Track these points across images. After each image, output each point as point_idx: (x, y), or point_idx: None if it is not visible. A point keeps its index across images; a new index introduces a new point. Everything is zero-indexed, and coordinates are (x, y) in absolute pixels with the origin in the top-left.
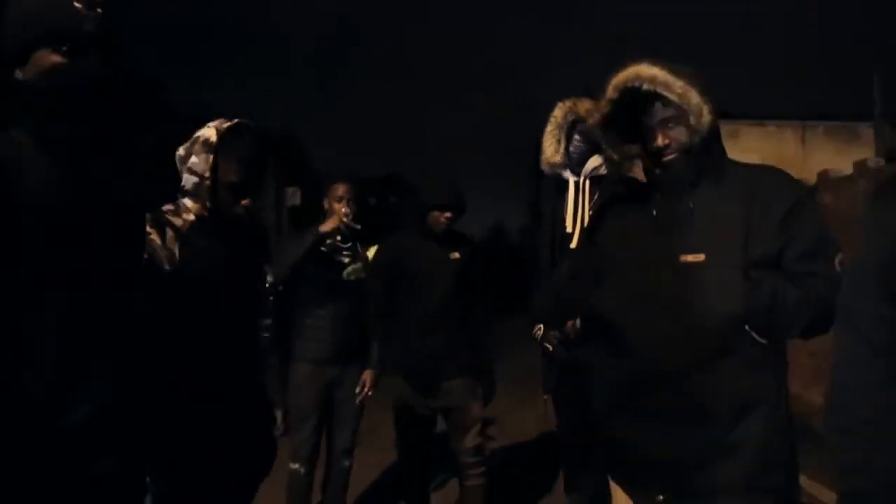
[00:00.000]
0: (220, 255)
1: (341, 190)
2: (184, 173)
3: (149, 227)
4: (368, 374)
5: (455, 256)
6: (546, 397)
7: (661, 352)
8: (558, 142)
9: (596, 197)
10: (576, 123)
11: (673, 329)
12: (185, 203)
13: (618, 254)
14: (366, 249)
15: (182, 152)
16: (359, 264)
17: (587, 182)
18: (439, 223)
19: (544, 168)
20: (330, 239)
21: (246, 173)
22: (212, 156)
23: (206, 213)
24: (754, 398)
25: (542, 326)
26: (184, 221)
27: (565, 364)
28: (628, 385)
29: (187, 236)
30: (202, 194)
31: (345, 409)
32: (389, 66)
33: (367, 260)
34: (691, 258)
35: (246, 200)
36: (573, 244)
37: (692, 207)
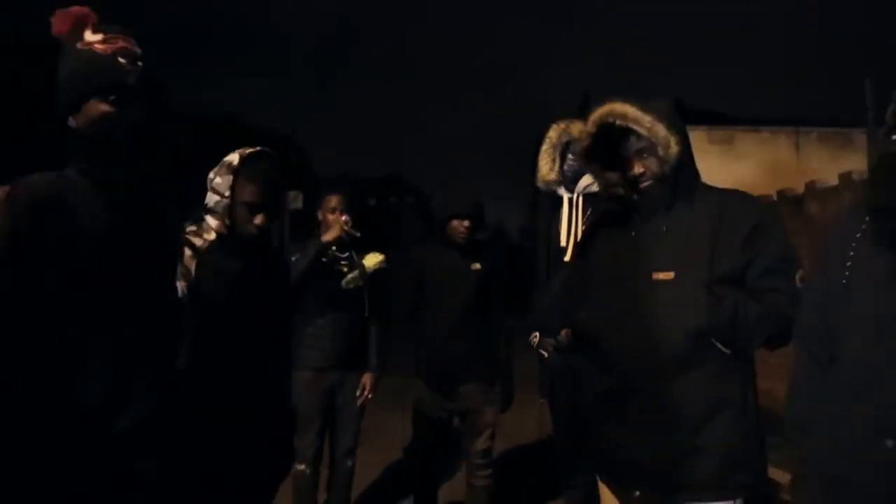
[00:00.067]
0: (236, 269)
1: (334, 201)
2: (209, 192)
3: None
4: (368, 378)
5: (476, 267)
6: (542, 401)
7: (635, 362)
8: (553, 161)
9: (589, 213)
10: (570, 144)
11: (646, 342)
12: (209, 221)
13: (602, 271)
14: (361, 257)
15: (211, 175)
16: (356, 272)
17: (580, 199)
18: (458, 232)
19: (540, 185)
20: (331, 248)
21: (262, 195)
22: (232, 177)
23: (225, 231)
24: (720, 405)
25: (538, 334)
26: (204, 241)
27: (559, 370)
28: (610, 393)
29: (206, 255)
30: (222, 212)
31: (346, 412)
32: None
33: (364, 268)
34: (662, 276)
35: (259, 219)
36: (567, 257)
37: (665, 229)
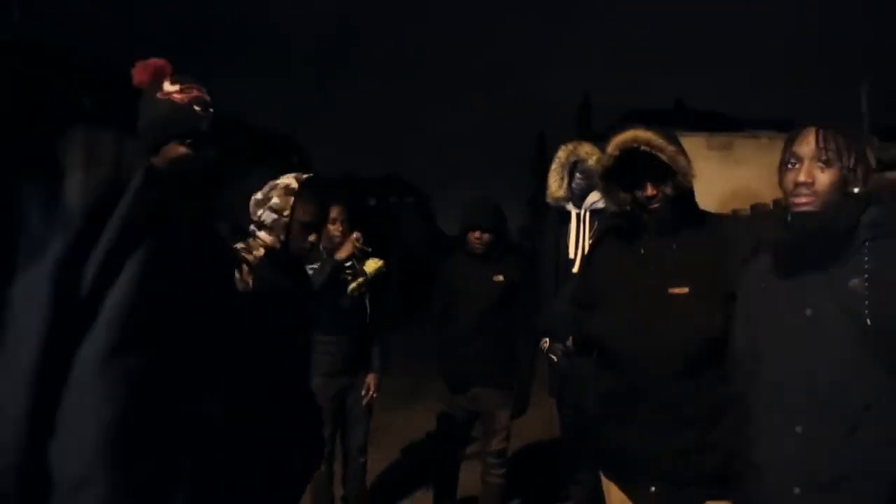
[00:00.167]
0: (288, 283)
1: (334, 212)
2: (263, 211)
3: None
4: (372, 378)
5: (499, 279)
6: (551, 401)
7: (648, 367)
8: (562, 179)
9: (595, 227)
10: (577, 164)
11: (659, 348)
12: (262, 237)
13: (610, 283)
14: (362, 264)
15: (260, 196)
16: (360, 279)
17: (588, 214)
18: (475, 244)
19: (549, 201)
20: (346, 265)
21: (317, 215)
22: (291, 198)
23: (277, 246)
24: (728, 403)
25: (548, 339)
26: (254, 257)
27: (567, 373)
28: (619, 395)
29: (260, 269)
30: (278, 229)
31: (356, 412)
32: (389, 66)
33: (366, 275)
34: (677, 290)
35: (313, 236)
36: (575, 269)
37: (675, 247)
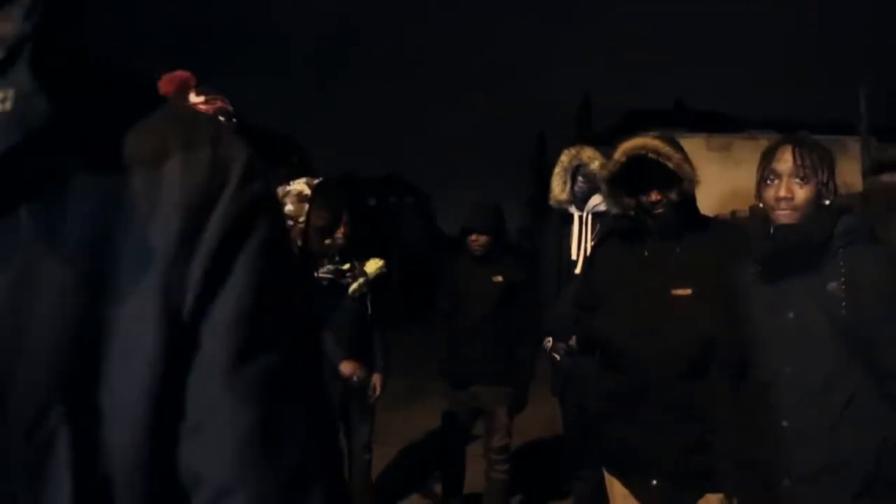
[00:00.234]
0: (310, 286)
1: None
2: None
3: None
4: (377, 378)
5: (498, 280)
6: (554, 399)
7: (651, 366)
8: (564, 182)
9: (597, 230)
10: (579, 167)
11: (662, 348)
12: None
13: (612, 284)
14: (362, 264)
15: None
16: (361, 280)
17: (590, 217)
18: (473, 246)
19: (552, 204)
20: (332, 265)
21: (332, 219)
22: (306, 205)
23: (296, 252)
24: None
25: (551, 339)
26: None
27: (570, 372)
28: (622, 394)
29: None
30: (294, 236)
31: (360, 411)
32: (389, 66)
33: (367, 275)
34: (680, 292)
35: (330, 240)
36: (577, 270)
37: (678, 251)
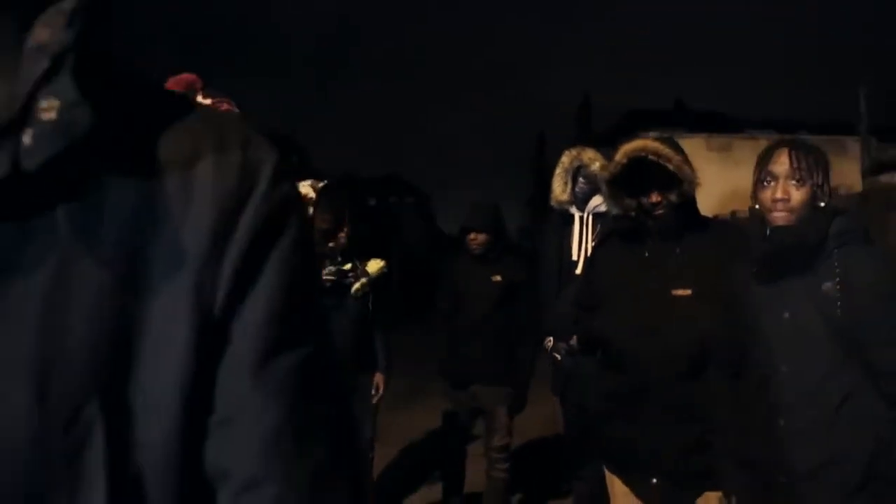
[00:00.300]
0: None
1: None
2: None
3: None
4: (380, 378)
5: (497, 280)
6: (555, 399)
7: (652, 366)
8: (565, 183)
9: (598, 230)
10: (580, 168)
11: (663, 348)
12: None
13: (612, 285)
14: (364, 264)
15: None
16: (364, 280)
17: (590, 217)
18: (471, 244)
19: (553, 205)
20: (334, 266)
21: (335, 221)
22: (311, 208)
23: None
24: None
25: (551, 339)
26: None
27: (570, 371)
28: (622, 394)
29: None
30: None
31: (361, 410)
32: (389, 66)
33: (369, 275)
34: (680, 292)
35: (334, 242)
36: (578, 270)
37: (678, 252)
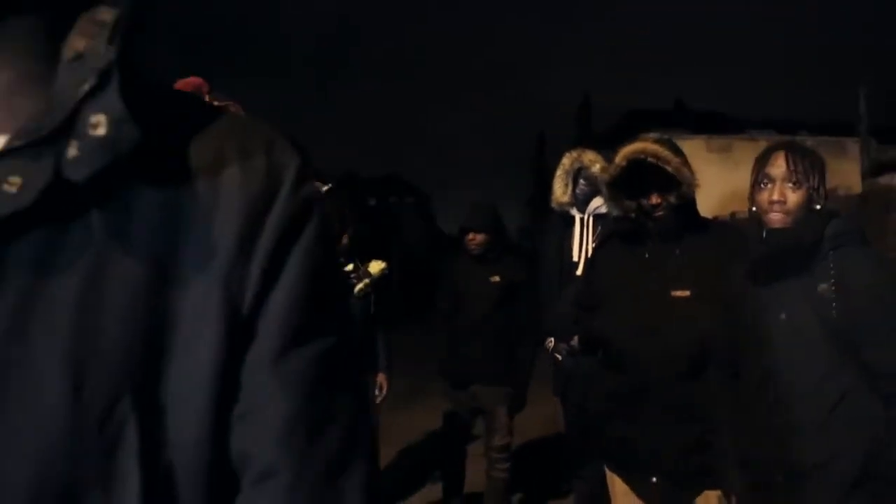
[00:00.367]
0: None
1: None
2: None
3: None
4: (383, 378)
5: (496, 280)
6: (555, 399)
7: (651, 366)
8: (566, 185)
9: (598, 231)
10: (581, 170)
11: (661, 348)
12: None
13: (612, 286)
14: (366, 265)
15: None
16: (366, 280)
17: (591, 219)
18: (470, 244)
19: (554, 206)
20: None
21: (336, 223)
22: None
23: None
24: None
25: (552, 339)
26: None
27: (571, 372)
28: (623, 393)
29: None
30: None
31: None
32: (389, 66)
33: (370, 275)
34: (679, 293)
35: (337, 244)
36: (578, 271)
37: (678, 253)
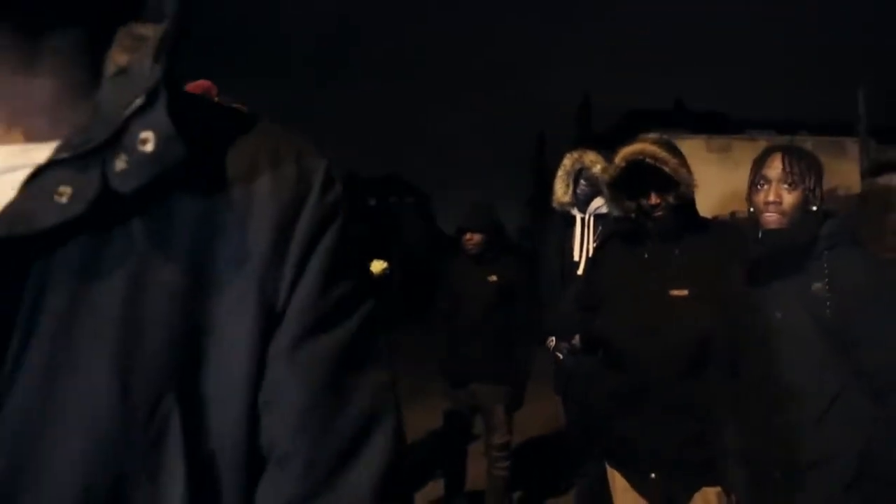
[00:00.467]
0: None
1: None
2: None
3: None
4: None
5: (493, 279)
6: (557, 398)
7: (651, 365)
8: (567, 185)
9: (599, 231)
10: (581, 171)
11: (662, 347)
12: None
13: (614, 285)
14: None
15: None
16: None
17: (592, 219)
18: (468, 244)
19: (555, 206)
20: None
21: None
22: None
23: None
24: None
25: (553, 338)
26: None
27: (572, 371)
28: (623, 391)
29: None
30: None
31: None
32: (389, 66)
33: (372, 275)
34: (677, 293)
35: None
36: (580, 271)
37: (677, 253)
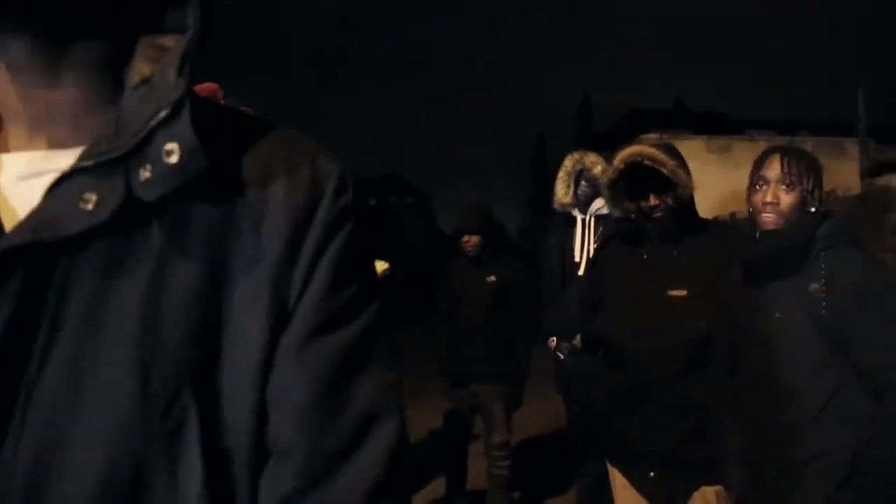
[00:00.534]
0: None
1: None
2: None
3: None
4: None
5: (491, 279)
6: (558, 397)
7: (651, 365)
8: (568, 186)
9: (600, 232)
10: (582, 172)
11: (660, 347)
12: None
13: (614, 285)
14: None
15: None
16: None
17: (592, 220)
18: (465, 246)
19: (556, 207)
20: None
21: None
22: None
23: None
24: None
25: (555, 338)
26: None
27: (573, 370)
28: (624, 391)
29: None
30: None
31: None
32: (389, 66)
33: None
34: (675, 293)
35: None
36: (580, 271)
37: (675, 254)
